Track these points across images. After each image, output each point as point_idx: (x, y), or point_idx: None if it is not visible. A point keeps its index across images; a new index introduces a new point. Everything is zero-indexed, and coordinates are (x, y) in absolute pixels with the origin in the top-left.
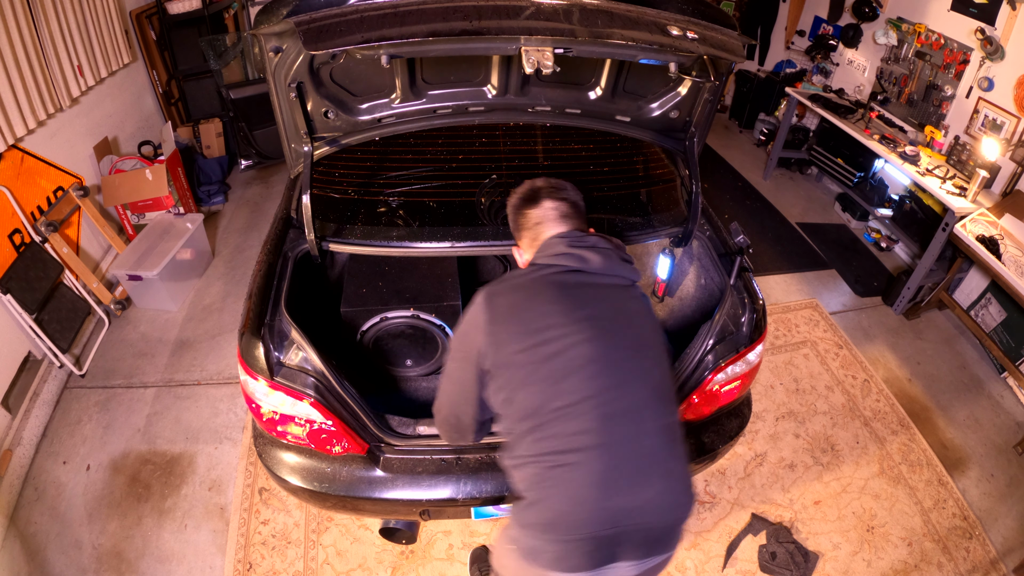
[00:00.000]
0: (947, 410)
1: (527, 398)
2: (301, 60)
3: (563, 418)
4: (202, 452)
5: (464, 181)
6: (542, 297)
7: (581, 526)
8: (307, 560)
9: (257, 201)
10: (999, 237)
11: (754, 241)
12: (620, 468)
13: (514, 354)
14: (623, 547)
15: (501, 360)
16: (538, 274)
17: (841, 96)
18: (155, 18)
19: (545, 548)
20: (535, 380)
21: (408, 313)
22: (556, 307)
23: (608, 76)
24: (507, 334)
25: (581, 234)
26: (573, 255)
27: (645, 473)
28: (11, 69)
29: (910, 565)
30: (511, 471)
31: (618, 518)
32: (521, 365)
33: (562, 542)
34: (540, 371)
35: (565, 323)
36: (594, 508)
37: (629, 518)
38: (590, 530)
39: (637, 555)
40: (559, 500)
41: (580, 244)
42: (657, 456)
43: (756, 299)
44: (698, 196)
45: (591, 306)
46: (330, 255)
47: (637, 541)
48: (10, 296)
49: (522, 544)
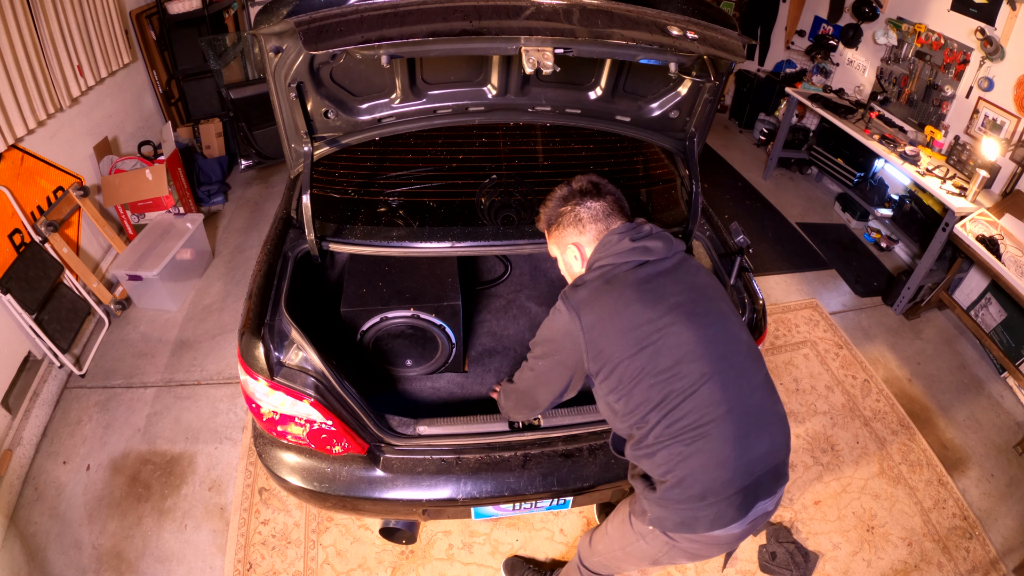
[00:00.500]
0: (947, 410)
1: (645, 393)
2: (301, 60)
3: (688, 399)
4: (202, 452)
5: (464, 181)
6: (627, 298)
7: (729, 484)
8: (307, 560)
9: (257, 201)
10: (999, 237)
11: (754, 241)
12: (746, 425)
13: (621, 360)
14: (761, 488)
15: (607, 367)
16: (614, 274)
17: (841, 96)
18: (155, 18)
19: (699, 515)
20: (648, 376)
21: (408, 313)
22: (644, 306)
23: (608, 76)
24: (607, 342)
25: (636, 225)
26: (638, 248)
27: (765, 422)
28: (11, 69)
29: (910, 565)
30: (643, 460)
31: (754, 466)
32: (630, 367)
33: (716, 503)
34: (650, 368)
35: (656, 318)
36: (737, 465)
37: (763, 463)
38: (737, 485)
39: (770, 491)
40: (706, 468)
41: (640, 235)
42: (766, 404)
43: (756, 299)
44: (698, 196)
45: (672, 295)
46: (330, 255)
47: (769, 480)
48: (10, 296)
49: (672, 520)
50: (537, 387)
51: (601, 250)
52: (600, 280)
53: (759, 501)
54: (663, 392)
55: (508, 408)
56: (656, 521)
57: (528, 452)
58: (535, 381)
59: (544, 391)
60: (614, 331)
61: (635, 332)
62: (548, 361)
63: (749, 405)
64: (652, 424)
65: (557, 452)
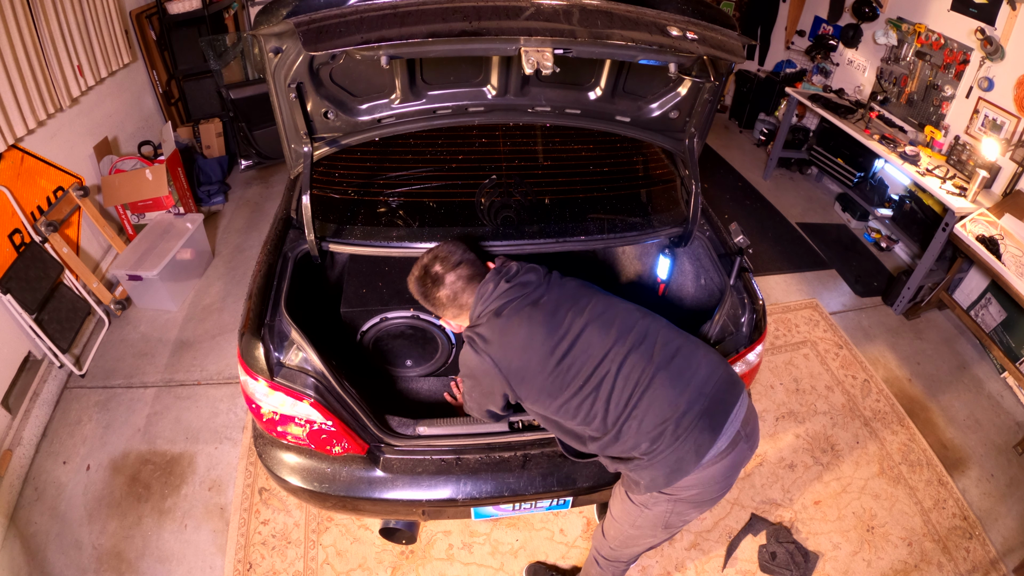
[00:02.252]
0: (947, 410)
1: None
2: (301, 61)
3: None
4: (202, 452)
5: (464, 181)
6: (524, 326)
7: (688, 412)
8: (307, 560)
9: (257, 201)
10: (999, 237)
11: (754, 241)
12: (675, 366)
13: (542, 376)
14: (720, 403)
15: (533, 389)
16: (503, 312)
17: (841, 96)
18: (155, 18)
19: (681, 454)
20: (575, 379)
21: (408, 314)
22: (541, 326)
23: (608, 77)
24: (523, 366)
25: (501, 268)
26: (515, 286)
27: (690, 354)
28: (11, 69)
29: (910, 565)
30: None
31: (703, 387)
32: (555, 380)
33: (688, 434)
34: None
35: (556, 329)
36: (685, 397)
37: (708, 383)
38: (696, 410)
39: (732, 400)
40: (661, 414)
41: (511, 275)
42: (683, 344)
43: (756, 299)
44: (698, 196)
45: (561, 308)
46: (330, 255)
47: (724, 391)
48: (10, 296)
49: (663, 474)
50: (482, 406)
51: (481, 304)
52: (493, 318)
53: (728, 416)
54: (595, 383)
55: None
56: (650, 484)
57: (528, 452)
58: (477, 402)
59: (487, 406)
60: (526, 356)
61: (543, 348)
62: (478, 392)
63: (668, 353)
64: (600, 414)
65: (557, 452)
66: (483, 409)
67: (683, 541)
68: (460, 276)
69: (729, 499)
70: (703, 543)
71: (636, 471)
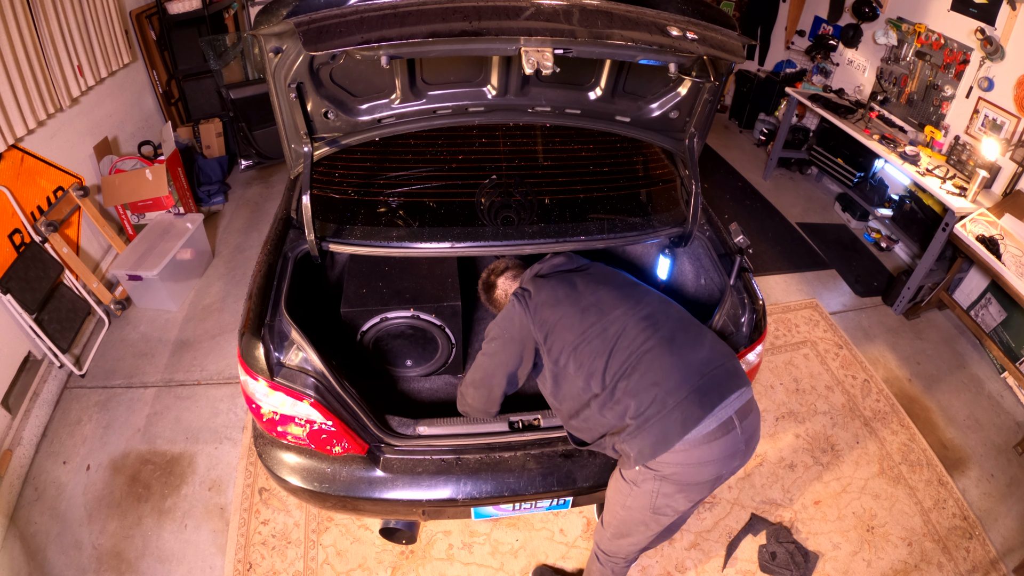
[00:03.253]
0: (947, 410)
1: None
2: (301, 61)
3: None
4: (202, 452)
5: (464, 181)
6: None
7: (681, 384)
8: (307, 560)
9: (257, 201)
10: (999, 237)
11: (754, 241)
12: (677, 344)
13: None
14: (717, 388)
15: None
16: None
17: (841, 96)
18: (155, 18)
19: (668, 424)
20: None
21: (408, 313)
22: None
23: (608, 77)
24: (550, 312)
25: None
26: (548, 265)
27: (695, 337)
28: (11, 69)
29: (910, 565)
30: (608, 413)
31: (702, 367)
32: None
33: (677, 407)
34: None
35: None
36: (680, 371)
37: (708, 365)
38: (688, 386)
39: (730, 389)
40: (653, 381)
41: (545, 262)
42: (691, 327)
43: (756, 299)
44: (698, 196)
45: (589, 281)
46: (330, 255)
47: (723, 379)
48: (10, 296)
49: (649, 443)
50: (493, 371)
51: (529, 272)
52: (538, 278)
53: (723, 399)
54: (608, 337)
55: (467, 407)
56: (639, 456)
57: (528, 452)
58: (489, 364)
59: (499, 374)
60: (560, 308)
61: (575, 303)
62: (499, 341)
63: (677, 327)
64: (601, 369)
65: (557, 452)
66: (491, 380)
67: (683, 541)
68: (508, 277)
69: (729, 499)
70: (703, 543)
71: (627, 441)
